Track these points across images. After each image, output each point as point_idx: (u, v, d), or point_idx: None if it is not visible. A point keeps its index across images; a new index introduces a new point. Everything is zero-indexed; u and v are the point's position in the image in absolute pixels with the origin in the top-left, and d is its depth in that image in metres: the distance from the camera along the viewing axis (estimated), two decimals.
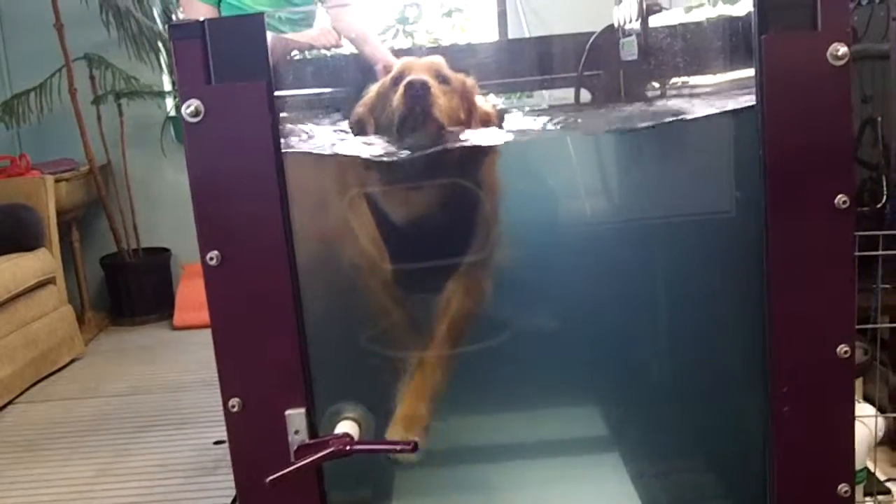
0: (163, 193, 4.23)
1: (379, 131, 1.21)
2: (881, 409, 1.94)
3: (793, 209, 0.90)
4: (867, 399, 2.02)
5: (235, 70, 0.84)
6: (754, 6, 0.88)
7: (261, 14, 0.83)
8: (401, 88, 1.13)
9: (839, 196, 0.89)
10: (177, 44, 0.83)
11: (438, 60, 1.22)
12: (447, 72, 1.21)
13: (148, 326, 4.11)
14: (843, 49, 0.87)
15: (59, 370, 3.51)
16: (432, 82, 1.14)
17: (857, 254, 1.80)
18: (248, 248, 0.89)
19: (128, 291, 4.21)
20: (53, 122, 4.05)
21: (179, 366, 3.43)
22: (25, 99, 3.95)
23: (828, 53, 0.87)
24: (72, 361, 3.61)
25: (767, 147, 0.89)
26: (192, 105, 0.84)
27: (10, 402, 3.16)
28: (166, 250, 4.28)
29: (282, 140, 0.88)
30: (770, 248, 0.91)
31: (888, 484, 1.86)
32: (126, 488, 2.42)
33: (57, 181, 3.75)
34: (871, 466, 1.76)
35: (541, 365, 1.25)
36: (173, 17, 3.99)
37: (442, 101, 1.14)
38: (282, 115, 1.31)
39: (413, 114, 1.12)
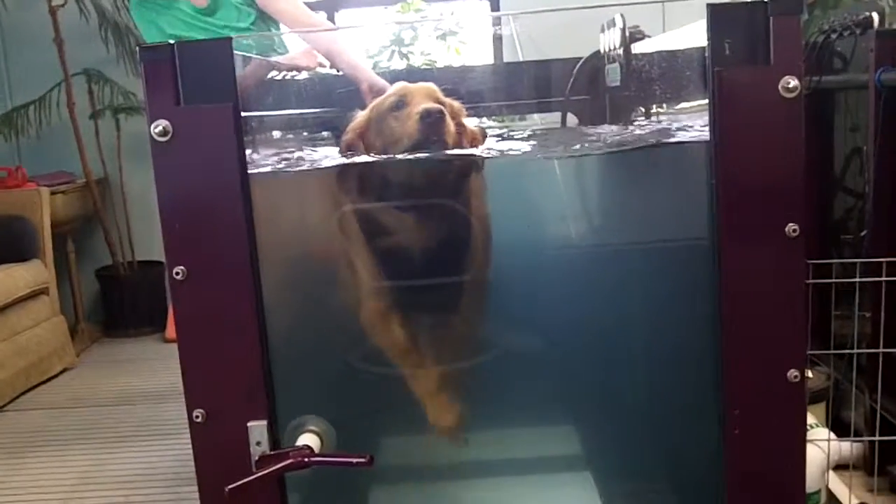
0: (158, 207, 4.25)
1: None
2: (857, 433, 1.96)
3: (744, 237, 0.92)
4: (843, 424, 2.04)
5: (203, 92, 0.87)
6: (707, 40, 0.90)
7: (229, 38, 0.86)
8: (415, 116, 1.15)
9: (790, 225, 0.91)
10: (147, 66, 0.86)
11: (433, 86, 1.24)
12: (441, 96, 1.23)
13: (141, 338, 4.14)
14: (794, 82, 0.89)
15: (50, 380, 3.53)
16: (445, 110, 1.16)
17: (834, 280, 1.84)
18: (213, 264, 0.91)
19: (122, 303, 4.25)
20: (52, 135, 4.09)
21: (168, 377, 3.44)
22: (25, 112, 4.00)
23: (780, 86, 0.89)
24: (63, 371, 3.63)
25: (720, 177, 0.92)
26: (160, 125, 0.87)
27: None
28: (160, 263, 4.30)
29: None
30: (722, 275, 0.93)
31: None
32: (106, 496, 2.44)
33: (53, 193, 3.79)
34: (839, 491, 1.78)
35: (512, 384, 1.27)
36: None
37: (451, 128, 1.17)
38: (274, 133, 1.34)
39: (429, 141, 1.15)
